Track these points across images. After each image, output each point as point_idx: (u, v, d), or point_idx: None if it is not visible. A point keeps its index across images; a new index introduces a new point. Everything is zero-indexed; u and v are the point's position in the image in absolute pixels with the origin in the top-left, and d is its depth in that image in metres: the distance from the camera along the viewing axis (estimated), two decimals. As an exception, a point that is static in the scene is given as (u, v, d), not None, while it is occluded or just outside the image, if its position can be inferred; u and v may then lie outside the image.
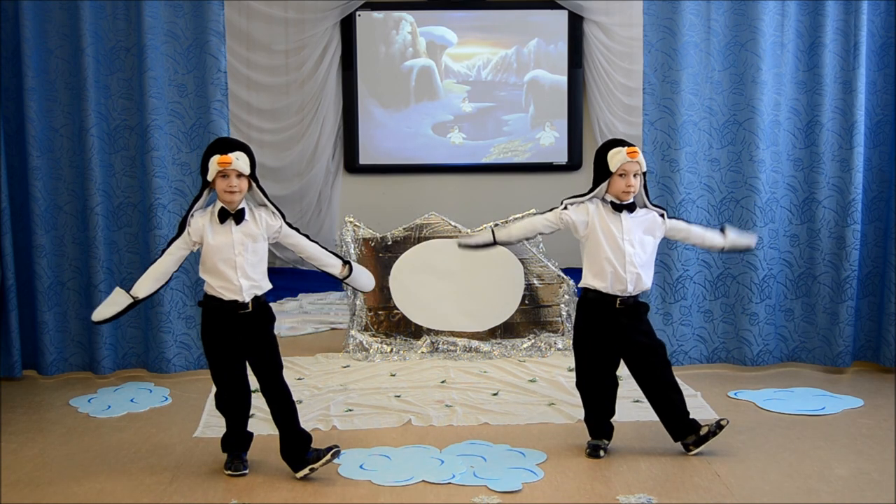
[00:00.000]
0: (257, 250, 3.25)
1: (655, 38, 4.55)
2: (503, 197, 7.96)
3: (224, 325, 3.25)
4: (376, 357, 4.98)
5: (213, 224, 3.22)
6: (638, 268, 3.38)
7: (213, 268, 3.22)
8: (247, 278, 3.21)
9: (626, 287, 3.38)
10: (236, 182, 3.16)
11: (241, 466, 3.30)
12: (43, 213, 4.54)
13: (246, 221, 3.23)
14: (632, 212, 3.41)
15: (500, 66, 8.21)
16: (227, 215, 3.21)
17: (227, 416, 3.36)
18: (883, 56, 4.57)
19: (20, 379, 4.63)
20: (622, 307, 3.40)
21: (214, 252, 3.20)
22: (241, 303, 3.21)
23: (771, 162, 4.57)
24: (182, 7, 4.52)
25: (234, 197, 3.18)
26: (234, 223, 3.21)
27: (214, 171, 3.14)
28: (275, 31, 7.97)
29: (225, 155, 3.13)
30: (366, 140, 8.22)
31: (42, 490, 3.19)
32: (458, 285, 5.21)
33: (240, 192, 3.19)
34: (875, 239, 4.65)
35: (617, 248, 3.38)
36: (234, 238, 3.20)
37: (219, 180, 3.16)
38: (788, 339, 4.69)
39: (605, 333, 3.44)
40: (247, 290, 3.21)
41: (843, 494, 3.07)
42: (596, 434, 3.51)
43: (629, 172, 3.36)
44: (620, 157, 3.35)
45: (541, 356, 4.99)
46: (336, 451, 3.24)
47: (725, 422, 3.44)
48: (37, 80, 4.50)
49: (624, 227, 3.39)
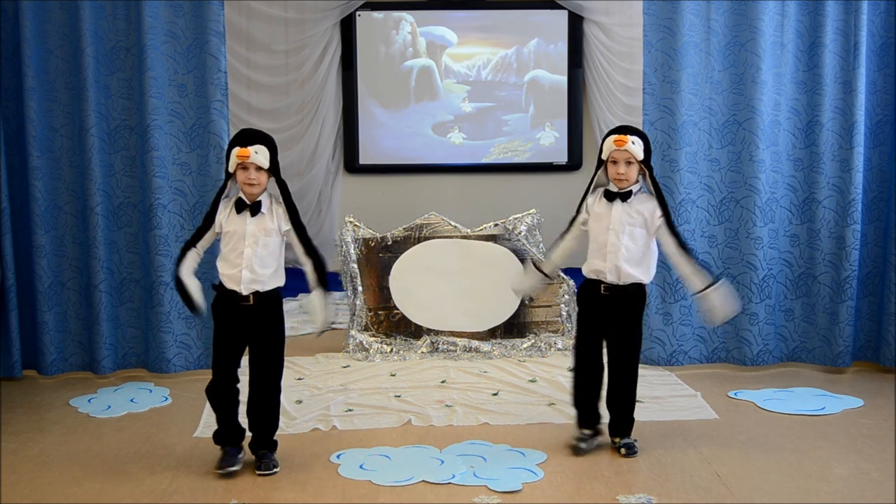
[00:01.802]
0: (268, 244, 3.27)
1: (655, 38, 4.55)
2: (503, 197, 7.96)
3: (227, 313, 3.29)
4: (376, 357, 4.98)
5: (231, 213, 3.27)
6: (620, 260, 3.36)
7: (223, 255, 3.29)
8: (250, 271, 3.23)
9: (606, 276, 3.39)
10: (255, 175, 3.21)
11: (227, 464, 3.29)
12: (43, 213, 4.54)
13: (262, 214, 3.26)
14: (625, 200, 3.39)
15: (500, 66, 8.21)
16: (244, 206, 3.25)
17: (213, 404, 3.37)
18: (883, 56, 4.57)
19: (20, 379, 4.63)
20: (607, 294, 3.41)
21: (226, 240, 3.27)
22: (241, 294, 3.24)
23: (771, 162, 4.57)
24: (182, 7, 4.52)
25: (252, 189, 3.23)
26: (250, 215, 3.24)
27: (234, 163, 3.21)
28: (275, 31, 7.96)
29: (245, 148, 3.18)
30: (366, 140, 8.22)
31: (42, 490, 3.19)
32: (458, 285, 5.21)
33: (259, 185, 3.23)
34: (875, 239, 4.65)
35: (602, 238, 3.40)
36: (247, 230, 3.24)
37: (239, 172, 3.22)
38: (788, 339, 4.69)
39: (590, 317, 3.49)
40: (246, 282, 3.23)
41: (843, 494, 3.07)
42: (582, 421, 3.53)
43: (619, 160, 3.35)
44: (608, 144, 3.38)
45: (541, 356, 4.99)
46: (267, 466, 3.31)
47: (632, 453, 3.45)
48: (37, 80, 4.50)
49: (612, 218, 3.38)
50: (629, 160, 3.35)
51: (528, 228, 5.30)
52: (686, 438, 3.62)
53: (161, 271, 4.52)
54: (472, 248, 5.25)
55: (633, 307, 3.43)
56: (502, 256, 5.21)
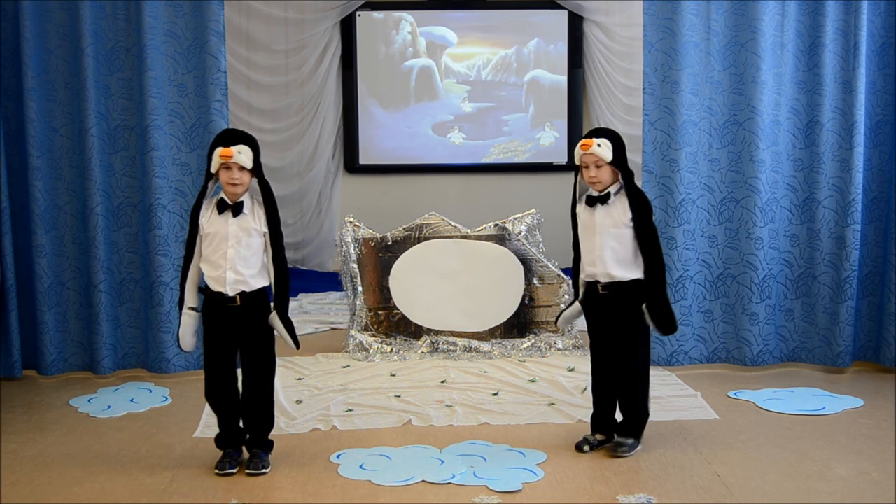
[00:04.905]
0: (251, 245, 3.25)
1: (655, 38, 4.55)
2: (503, 197, 7.97)
3: (216, 316, 3.28)
4: (376, 357, 4.98)
5: (213, 214, 3.26)
6: (609, 263, 3.37)
7: (206, 257, 3.27)
8: (234, 272, 3.22)
9: (599, 277, 3.40)
10: (238, 175, 3.20)
11: (226, 465, 3.29)
12: (43, 213, 4.55)
13: (244, 215, 3.25)
14: (605, 203, 3.39)
15: (500, 66, 8.21)
16: (226, 206, 3.24)
17: (214, 409, 3.38)
18: (883, 56, 4.56)
19: (20, 379, 4.63)
20: (605, 293, 3.42)
21: (209, 241, 3.25)
22: (228, 296, 3.23)
23: (771, 162, 4.57)
24: (182, 7, 4.52)
25: (235, 189, 3.22)
26: (232, 215, 3.23)
27: (217, 163, 3.20)
28: (275, 31, 7.97)
29: (227, 148, 3.17)
30: (366, 140, 8.22)
31: (42, 490, 3.19)
32: (458, 285, 5.21)
33: (242, 186, 3.22)
34: (875, 239, 4.65)
35: (590, 243, 3.42)
36: (229, 230, 3.23)
37: (222, 171, 3.21)
38: (788, 339, 4.69)
39: (595, 320, 3.50)
40: (231, 283, 3.22)
41: (843, 494, 3.07)
42: (594, 426, 3.55)
43: (589, 164, 3.37)
44: (577, 149, 3.41)
45: (541, 356, 4.99)
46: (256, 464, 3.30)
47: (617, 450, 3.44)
48: (37, 80, 4.50)
49: (596, 222, 3.40)
50: (598, 163, 3.36)
51: (528, 228, 5.30)
52: (686, 438, 3.62)
53: (161, 271, 4.52)
54: (472, 248, 5.25)
55: (633, 303, 3.40)
56: (502, 256, 5.21)
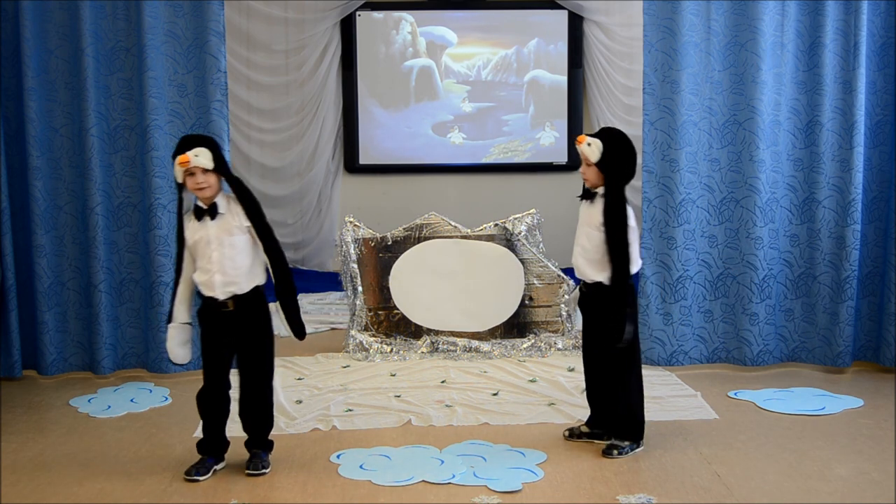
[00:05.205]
0: (235, 244, 3.22)
1: (655, 38, 4.55)
2: (503, 197, 7.97)
3: (211, 322, 3.28)
4: (376, 357, 4.98)
5: (192, 223, 3.24)
6: (577, 257, 3.45)
7: (197, 266, 3.26)
8: (222, 274, 3.20)
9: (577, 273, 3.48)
10: (202, 178, 3.16)
11: (194, 472, 3.25)
12: (43, 213, 4.55)
13: (221, 215, 3.22)
14: (590, 201, 3.44)
15: (500, 66, 8.21)
16: (203, 212, 3.22)
17: (201, 414, 3.36)
18: (883, 56, 4.56)
19: (20, 379, 4.63)
20: (586, 291, 3.48)
21: (194, 249, 3.24)
22: (219, 300, 3.22)
23: (771, 162, 4.57)
24: (182, 7, 4.52)
25: (205, 193, 3.19)
26: (210, 219, 3.21)
27: (180, 173, 3.17)
28: (275, 31, 7.97)
29: (183, 154, 3.14)
30: (366, 140, 8.22)
31: (42, 490, 3.19)
32: (458, 285, 5.21)
33: (210, 187, 3.19)
34: (875, 239, 4.65)
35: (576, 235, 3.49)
36: (210, 234, 3.21)
37: (188, 179, 3.18)
38: (788, 339, 4.68)
39: (584, 316, 3.56)
40: (220, 286, 3.21)
41: (843, 494, 3.07)
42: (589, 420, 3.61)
43: (582, 160, 3.44)
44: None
45: (541, 356, 4.99)
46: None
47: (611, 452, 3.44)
48: (37, 80, 4.50)
49: (581, 218, 3.47)
50: (587, 161, 3.40)
51: (528, 228, 5.30)
52: (686, 438, 3.62)
53: (161, 271, 4.52)
54: (472, 248, 5.24)
55: (605, 306, 3.39)
56: (502, 256, 5.21)
